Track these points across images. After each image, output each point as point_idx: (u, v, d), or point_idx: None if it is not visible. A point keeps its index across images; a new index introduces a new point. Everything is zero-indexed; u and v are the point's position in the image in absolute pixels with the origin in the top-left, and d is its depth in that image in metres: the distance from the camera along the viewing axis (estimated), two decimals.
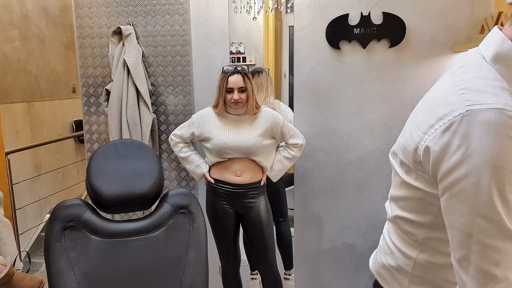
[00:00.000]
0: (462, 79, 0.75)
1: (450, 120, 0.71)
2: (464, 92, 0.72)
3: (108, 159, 1.48)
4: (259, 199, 2.01)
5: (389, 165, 2.14)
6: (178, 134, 2.03)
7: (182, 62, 2.27)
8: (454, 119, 0.70)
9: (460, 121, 0.69)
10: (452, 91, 0.74)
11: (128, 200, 1.44)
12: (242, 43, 3.90)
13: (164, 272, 1.42)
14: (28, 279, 1.50)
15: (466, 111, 0.69)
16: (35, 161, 3.93)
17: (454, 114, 0.70)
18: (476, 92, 0.71)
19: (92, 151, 2.40)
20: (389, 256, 0.96)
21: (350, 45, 2.09)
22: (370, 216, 2.21)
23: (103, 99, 2.25)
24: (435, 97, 0.79)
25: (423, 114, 0.79)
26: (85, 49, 2.32)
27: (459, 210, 0.70)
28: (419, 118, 0.81)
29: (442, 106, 0.74)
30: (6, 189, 2.93)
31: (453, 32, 2.00)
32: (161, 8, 2.24)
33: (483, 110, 0.67)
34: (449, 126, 0.71)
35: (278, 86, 4.10)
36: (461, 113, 0.69)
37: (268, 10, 3.22)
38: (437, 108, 0.75)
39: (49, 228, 1.37)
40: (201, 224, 1.49)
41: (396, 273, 0.94)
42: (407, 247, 0.90)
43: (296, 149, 2.01)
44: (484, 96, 0.69)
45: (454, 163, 0.69)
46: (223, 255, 2.09)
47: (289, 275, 2.67)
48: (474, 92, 0.71)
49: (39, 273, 3.24)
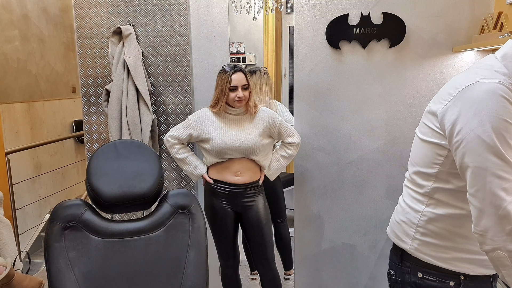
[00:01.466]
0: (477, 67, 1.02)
1: (463, 87, 0.97)
2: (477, 72, 0.99)
3: (108, 159, 1.48)
4: (257, 198, 2.02)
5: (389, 165, 2.14)
6: (174, 136, 2.01)
7: (182, 62, 2.27)
8: (466, 87, 0.97)
9: (471, 88, 0.95)
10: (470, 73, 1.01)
11: (128, 200, 1.43)
12: (242, 43, 3.90)
13: (164, 272, 1.42)
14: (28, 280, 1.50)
15: (475, 81, 0.96)
16: (35, 161, 3.93)
17: (467, 84, 0.97)
18: (485, 72, 0.98)
19: (92, 151, 2.40)
20: (400, 213, 1.20)
21: (350, 45, 2.09)
22: (370, 216, 2.21)
23: (103, 99, 2.25)
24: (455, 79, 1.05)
25: (444, 89, 1.05)
26: (85, 49, 2.32)
27: (475, 151, 0.93)
28: (441, 92, 1.06)
29: (460, 81, 1.00)
30: (6, 189, 2.93)
31: (453, 32, 2.01)
32: (161, 8, 2.24)
33: (488, 81, 0.94)
34: (463, 92, 0.97)
35: (278, 86, 4.10)
36: (472, 83, 0.96)
37: (268, 10, 3.22)
38: (455, 83, 1.01)
39: (49, 228, 1.37)
40: (201, 224, 1.49)
41: (405, 226, 1.16)
42: (416, 203, 1.14)
43: (293, 147, 2.03)
44: (489, 74, 0.96)
45: (468, 118, 0.93)
46: (223, 254, 2.09)
47: (289, 275, 2.67)
48: (483, 71, 0.98)
49: (39, 273, 3.24)
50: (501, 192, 0.89)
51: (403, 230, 1.17)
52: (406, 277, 1.15)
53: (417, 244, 1.12)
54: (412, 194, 1.16)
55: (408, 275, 1.15)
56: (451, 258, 1.08)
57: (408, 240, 1.15)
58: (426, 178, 1.10)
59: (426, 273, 1.11)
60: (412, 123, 2.10)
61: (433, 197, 1.09)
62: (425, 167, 1.10)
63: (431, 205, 1.10)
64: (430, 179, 1.09)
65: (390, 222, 1.28)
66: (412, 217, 1.14)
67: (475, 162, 0.92)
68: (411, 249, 1.14)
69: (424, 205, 1.11)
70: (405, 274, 1.16)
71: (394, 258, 1.22)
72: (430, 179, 1.09)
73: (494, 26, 1.82)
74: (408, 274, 1.15)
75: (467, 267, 1.07)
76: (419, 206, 1.12)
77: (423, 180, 1.11)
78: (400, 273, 1.17)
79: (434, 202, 1.09)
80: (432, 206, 1.10)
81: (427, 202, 1.11)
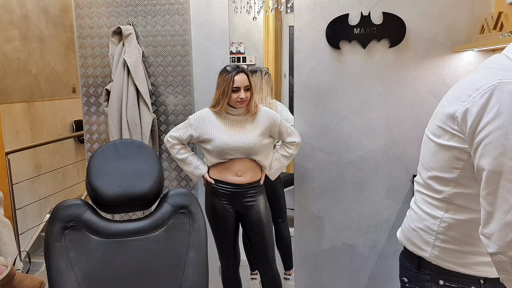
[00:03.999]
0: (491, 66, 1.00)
1: (485, 89, 0.93)
2: (494, 72, 0.96)
3: (108, 159, 1.48)
4: (258, 198, 2.02)
5: (389, 165, 2.14)
6: (175, 136, 2.01)
7: (182, 62, 2.27)
8: (488, 88, 0.92)
9: (493, 89, 0.92)
10: (485, 73, 0.98)
11: (128, 200, 1.43)
12: (242, 43, 3.90)
13: (164, 272, 1.42)
14: (29, 280, 1.50)
15: (497, 82, 0.92)
16: (35, 161, 3.93)
17: (488, 85, 0.93)
18: (503, 72, 0.95)
19: (92, 151, 2.40)
20: (416, 220, 1.16)
21: (350, 45, 2.09)
22: (370, 216, 2.21)
23: (103, 99, 2.25)
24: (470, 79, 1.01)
25: (460, 90, 1.01)
26: (85, 49, 2.32)
27: (492, 154, 0.90)
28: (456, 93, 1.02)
29: (478, 82, 0.96)
30: (6, 189, 2.93)
31: (453, 32, 2.01)
32: (161, 8, 2.24)
33: (510, 82, 0.91)
34: (484, 93, 0.93)
35: (278, 86, 4.11)
36: (493, 84, 0.92)
37: (268, 10, 3.22)
38: (473, 84, 0.97)
39: (49, 228, 1.37)
40: (201, 224, 1.49)
41: (423, 233, 1.12)
42: (433, 209, 1.10)
43: (293, 147, 2.04)
44: (509, 74, 0.93)
45: (489, 119, 0.91)
46: (223, 254, 2.09)
47: (289, 275, 2.67)
48: (501, 71, 0.95)
49: (39, 273, 3.24)
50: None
51: (422, 237, 1.13)
52: (426, 284, 1.12)
53: (438, 251, 1.09)
54: (428, 200, 1.13)
55: (428, 283, 1.12)
56: (472, 263, 1.06)
57: (428, 248, 1.11)
58: (445, 183, 1.06)
59: (447, 280, 1.09)
60: (412, 123, 2.10)
61: (453, 202, 1.06)
62: (442, 171, 1.06)
63: (450, 211, 1.06)
64: (450, 184, 1.05)
65: (403, 229, 1.24)
66: (430, 224, 1.11)
67: (490, 165, 0.90)
68: (432, 257, 1.10)
69: (443, 211, 1.08)
70: (424, 282, 1.13)
71: (409, 266, 1.17)
72: (449, 184, 1.05)
73: (494, 26, 1.82)
74: (428, 282, 1.12)
75: (487, 270, 1.05)
76: (438, 212, 1.09)
77: (441, 185, 1.07)
78: (417, 281, 1.14)
79: (454, 207, 1.06)
80: (451, 211, 1.06)
81: (446, 207, 1.07)
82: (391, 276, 2.23)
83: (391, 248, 2.21)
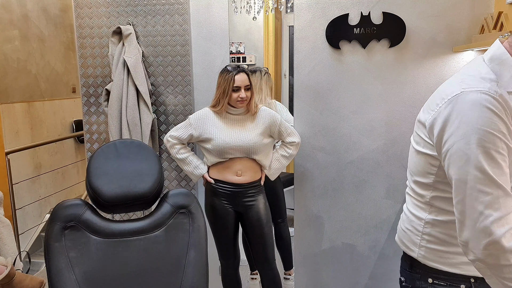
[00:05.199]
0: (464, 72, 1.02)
1: (449, 98, 0.96)
2: (463, 80, 0.98)
3: (108, 159, 1.48)
4: (258, 197, 2.02)
5: (389, 165, 2.14)
6: (175, 136, 2.01)
7: (182, 62, 2.27)
8: (452, 98, 0.96)
9: (456, 99, 0.94)
10: (455, 81, 1.01)
11: (128, 200, 1.43)
12: (242, 43, 3.90)
13: (164, 272, 1.42)
14: (29, 280, 1.50)
15: (460, 92, 0.94)
16: (35, 161, 3.93)
17: (453, 94, 0.96)
18: (470, 80, 0.96)
19: (92, 151, 2.40)
20: (406, 221, 1.21)
21: (350, 45, 2.09)
22: (370, 216, 2.21)
23: (103, 99, 2.25)
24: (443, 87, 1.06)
25: (433, 98, 1.06)
26: (85, 49, 2.32)
27: (457, 164, 0.93)
28: (430, 101, 1.07)
29: (446, 90, 1.00)
30: (6, 189, 2.93)
31: (453, 32, 2.00)
32: (161, 8, 2.24)
33: (472, 91, 0.92)
34: (449, 103, 0.96)
35: (278, 86, 4.11)
36: (457, 93, 0.95)
37: (268, 10, 3.22)
38: (442, 93, 1.01)
39: (49, 228, 1.37)
40: (201, 224, 1.49)
41: (411, 234, 1.17)
42: (419, 211, 1.14)
43: (293, 147, 2.04)
44: (474, 82, 0.95)
45: (453, 130, 0.93)
46: (223, 254, 2.09)
47: (289, 275, 2.67)
48: (470, 78, 0.97)
49: (39, 273, 3.24)
50: (480, 206, 0.89)
51: (410, 238, 1.17)
52: (417, 283, 1.16)
53: (424, 251, 1.12)
54: (414, 202, 1.17)
55: (419, 281, 1.15)
56: (459, 263, 1.07)
57: (415, 248, 1.15)
58: (424, 187, 1.10)
59: (436, 278, 1.11)
60: (412, 123, 2.09)
61: (434, 205, 1.09)
62: (421, 177, 1.10)
63: (433, 213, 1.10)
64: (428, 188, 1.09)
65: (397, 230, 1.28)
66: (416, 225, 1.15)
67: (456, 175, 0.93)
68: (419, 257, 1.14)
69: (426, 213, 1.12)
70: (415, 280, 1.16)
71: (404, 265, 1.22)
72: (428, 188, 1.09)
73: (494, 26, 1.82)
74: (419, 281, 1.15)
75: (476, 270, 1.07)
76: (422, 214, 1.13)
77: (422, 189, 1.12)
78: (410, 280, 1.18)
79: (436, 209, 1.09)
80: (434, 213, 1.10)
81: (429, 209, 1.11)
82: (391, 276, 2.22)
83: (391, 248, 2.21)
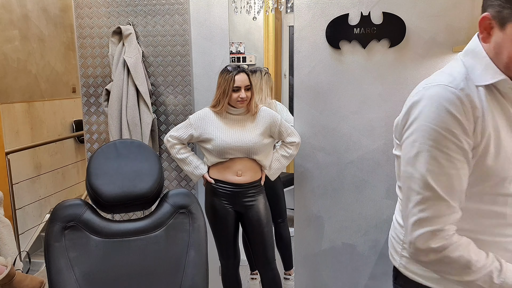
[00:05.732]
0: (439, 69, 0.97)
1: (413, 95, 0.93)
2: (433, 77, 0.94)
3: (108, 159, 1.48)
4: (258, 197, 2.02)
5: (389, 165, 2.14)
6: (175, 136, 2.01)
7: (182, 62, 2.27)
8: (415, 95, 0.92)
9: (418, 96, 0.90)
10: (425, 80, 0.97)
11: (128, 200, 1.44)
12: (242, 43, 3.90)
13: (164, 272, 1.42)
14: (29, 280, 1.50)
15: (422, 88, 0.91)
16: (35, 161, 3.93)
17: (416, 90, 0.93)
18: (437, 75, 0.92)
19: (92, 151, 2.40)
20: (392, 229, 1.14)
21: (350, 45, 2.09)
22: (370, 216, 2.21)
23: (103, 99, 2.25)
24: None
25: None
26: (85, 49, 2.32)
27: (403, 159, 0.91)
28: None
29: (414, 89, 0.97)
30: (6, 189, 2.93)
31: (453, 32, 2.00)
32: (161, 8, 2.24)
33: (432, 86, 0.88)
34: (410, 99, 0.93)
35: (278, 86, 4.11)
36: (419, 90, 0.91)
37: (268, 10, 3.22)
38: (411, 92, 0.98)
39: (49, 228, 1.37)
40: (201, 224, 1.49)
41: (394, 242, 1.10)
42: (401, 217, 1.06)
43: (293, 147, 2.04)
44: (437, 77, 0.91)
45: (408, 125, 0.90)
46: (223, 254, 2.09)
47: (289, 275, 2.67)
48: (436, 75, 0.93)
49: (39, 273, 3.24)
50: (410, 204, 0.87)
51: (393, 246, 1.09)
52: None
53: (405, 261, 1.04)
54: (398, 207, 1.10)
55: None
56: (441, 279, 0.96)
57: (397, 257, 1.07)
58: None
59: None
60: None
61: None
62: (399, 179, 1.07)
63: None
64: None
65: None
66: (398, 233, 1.06)
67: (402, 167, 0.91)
68: (400, 267, 1.05)
69: None
70: None
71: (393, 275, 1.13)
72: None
73: None
74: None
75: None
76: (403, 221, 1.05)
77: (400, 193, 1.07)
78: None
79: None
80: None
81: None
82: (391, 276, 2.22)
83: None
